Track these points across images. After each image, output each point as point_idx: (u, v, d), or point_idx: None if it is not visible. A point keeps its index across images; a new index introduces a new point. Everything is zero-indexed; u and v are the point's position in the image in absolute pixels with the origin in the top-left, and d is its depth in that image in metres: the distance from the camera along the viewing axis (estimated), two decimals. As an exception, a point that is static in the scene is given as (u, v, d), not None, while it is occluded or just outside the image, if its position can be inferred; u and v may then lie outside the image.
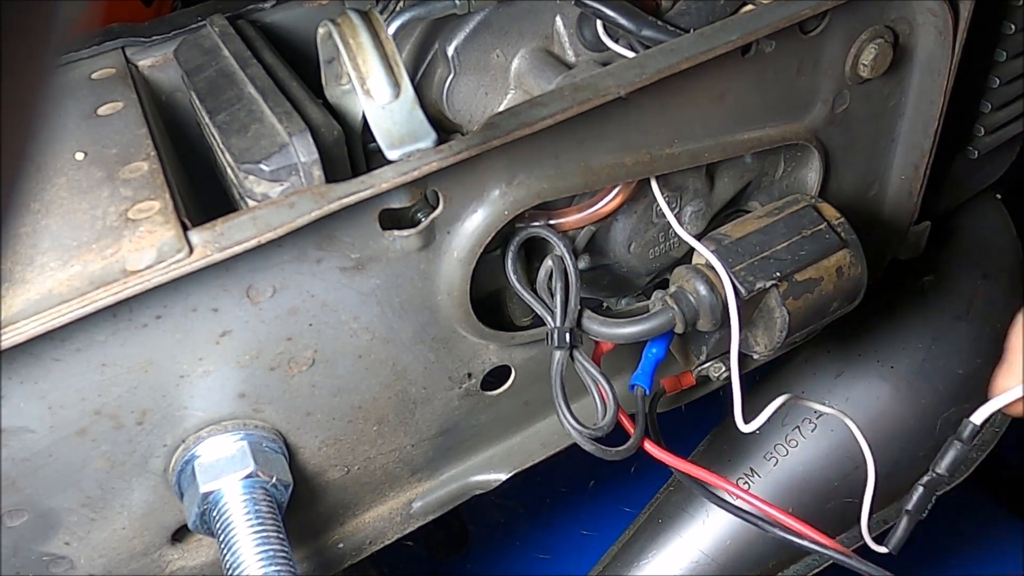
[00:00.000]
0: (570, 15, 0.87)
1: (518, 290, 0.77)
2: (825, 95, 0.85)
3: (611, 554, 1.12)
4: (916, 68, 0.89)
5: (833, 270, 0.78)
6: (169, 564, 0.77)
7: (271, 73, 0.74)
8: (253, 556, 0.66)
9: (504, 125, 0.68)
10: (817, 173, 0.89)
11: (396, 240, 0.69)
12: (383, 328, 0.73)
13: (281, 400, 0.72)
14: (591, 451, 0.74)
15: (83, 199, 0.66)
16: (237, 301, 0.65)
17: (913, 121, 0.92)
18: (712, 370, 0.88)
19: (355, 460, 0.80)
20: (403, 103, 0.66)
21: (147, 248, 0.61)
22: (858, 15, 0.82)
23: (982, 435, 1.12)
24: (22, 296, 0.58)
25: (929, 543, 1.50)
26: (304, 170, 0.66)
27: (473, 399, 0.83)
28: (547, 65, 0.86)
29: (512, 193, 0.71)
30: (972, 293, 1.13)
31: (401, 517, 0.87)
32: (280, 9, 0.89)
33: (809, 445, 1.05)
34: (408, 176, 0.65)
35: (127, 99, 0.76)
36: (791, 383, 1.09)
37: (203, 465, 0.69)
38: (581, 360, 0.76)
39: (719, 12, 0.81)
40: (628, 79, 0.71)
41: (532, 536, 1.60)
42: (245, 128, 0.69)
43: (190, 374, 0.67)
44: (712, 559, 1.04)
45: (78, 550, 0.70)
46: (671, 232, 0.84)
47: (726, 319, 0.76)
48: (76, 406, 0.63)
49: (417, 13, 0.80)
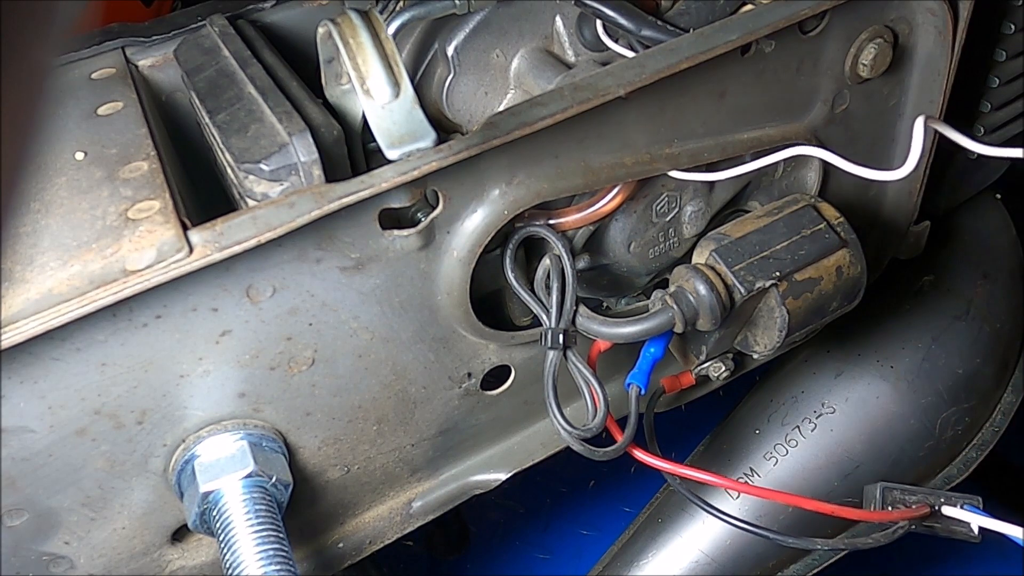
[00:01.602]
0: (570, 15, 0.87)
1: (516, 289, 0.77)
2: (825, 95, 0.85)
3: (611, 554, 1.12)
4: (916, 68, 0.89)
5: (833, 270, 0.78)
6: (169, 564, 0.77)
7: (271, 73, 0.75)
8: (253, 556, 0.66)
9: (504, 125, 0.68)
10: (817, 173, 0.89)
11: (396, 240, 0.69)
12: (383, 328, 0.73)
13: (281, 400, 0.72)
14: (580, 451, 0.75)
15: (83, 199, 0.66)
16: (237, 301, 0.66)
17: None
18: (712, 370, 0.88)
19: (355, 460, 0.80)
20: (403, 103, 0.66)
21: (147, 248, 0.61)
22: (858, 15, 0.82)
23: (982, 435, 1.12)
24: (22, 296, 0.58)
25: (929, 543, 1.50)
26: (304, 170, 0.66)
27: (473, 399, 0.83)
28: (547, 65, 0.86)
29: (512, 193, 0.71)
30: (972, 293, 1.13)
31: (401, 517, 0.87)
32: (280, 9, 0.89)
33: (809, 445, 1.05)
34: (408, 176, 0.65)
35: (127, 99, 0.76)
36: (791, 383, 1.09)
37: (203, 465, 0.69)
38: (574, 361, 0.76)
39: (719, 12, 0.81)
40: (628, 79, 0.71)
41: (532, 536, 1.60)
42: (245, 128, 0.70)
43: (190, 374, 0.67)
44: (712, 559, 1.04)
45: (78, 550, 0.70)
46: (671, 232, 0.84)
47: (726, 319, 0.76)
48: (76, 406, 0.63)
49: (417, 13, 0.80)
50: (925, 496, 0.85)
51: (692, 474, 0.81)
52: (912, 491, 0.86)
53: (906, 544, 0.86)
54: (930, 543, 0.86)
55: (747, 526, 0.83)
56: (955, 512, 0.83)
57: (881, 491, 0.86)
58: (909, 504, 0.85)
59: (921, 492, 0.86)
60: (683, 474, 0.81)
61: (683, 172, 0.79)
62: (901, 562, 1.43)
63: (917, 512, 0.83)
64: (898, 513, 0.84)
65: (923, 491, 0.86)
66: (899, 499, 0.86)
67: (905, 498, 0.86)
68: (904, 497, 0.86)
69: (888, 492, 0.86)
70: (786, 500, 0.84)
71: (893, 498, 0.86)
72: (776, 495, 0.84)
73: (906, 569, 1.45)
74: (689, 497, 0.83)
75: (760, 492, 0.87)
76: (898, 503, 0.85)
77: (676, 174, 0.79)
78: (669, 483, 0.85)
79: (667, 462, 0.80)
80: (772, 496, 0.84)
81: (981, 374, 1.10)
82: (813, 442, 1.05)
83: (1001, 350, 1.12)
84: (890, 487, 0.87)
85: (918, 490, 0.86)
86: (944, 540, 0.86)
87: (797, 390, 1.08)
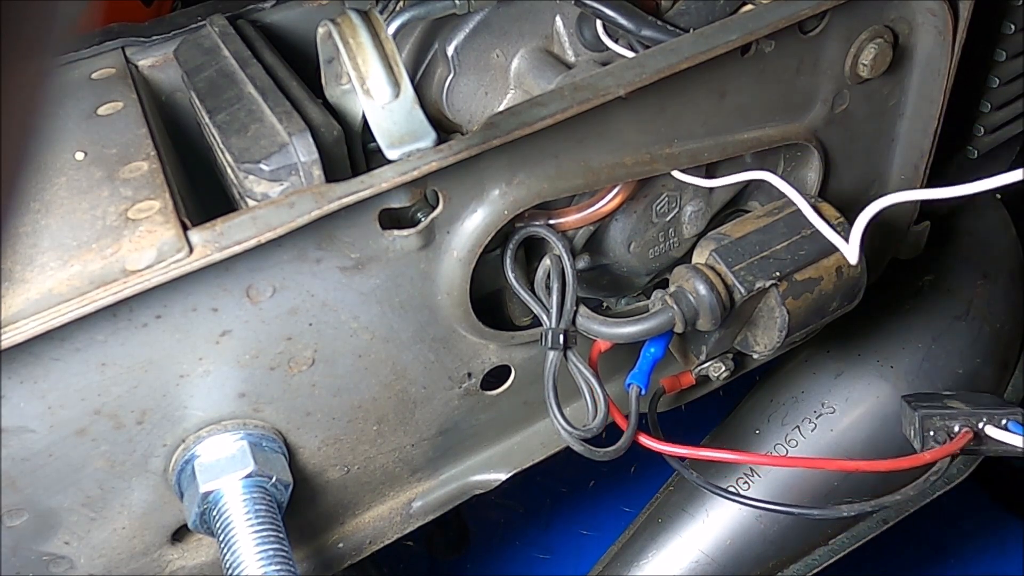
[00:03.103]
0: (570, 15, 0.87)
1: (516, 288, 0.77)
2: (825, 95, 0.85)
3: (611, 554, 1.12)
4: (916, 68, 0.89)
5: (833, 270, 0.78)
6: (169, 564, 0.77)
7: (271, 73, 0.75)
8: (253, 556, 0.66)
9: (504, 125, 0.68)
10: (817, 173, 0.89)
11: (396, 240, 0.69)
12: (383, 328, 0.73)
13: (281, 400, 0.72)
14: (580, 451, 0.75)
15: (83, 199, 0.66)
16: (237, 301, 0.66)
17: (913, 121, 0.92)
18: (712, 370, 0.88)
19: (355, 460, 0.80)
20: (403, 103, 0.66)
21: (147, 248, 0.61)
22: (857, 15, 0.82)
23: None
24: (22, 296, 0.58)
25: (929, 543, 1.50)
26: (304, 170, 0.66)
27: (473, 399, 0.83)
28: (547, 65, 0.86)
29: (512, 193, 0.71)
30: (972, 293, 1.13)
31: (401, 517, 0.87)
32: (280, 9, 0.89)
33: (809, 445, 1.05)
34: (408, 176, 0.65)
35: (127, 99, 0.76)
36: (791, 383, 1.09)
37: (203, 465, 0.69)
38: (575, 361, 0.76)
39: (719, 12, 0.81)
40: (628, 79, 0.71)
41: (532, 536, 1.60)
42: (245, 128, 0.70)
43: (190, 374, 0.67)
44: (712, 559, 1.04)
45: (78, 550, 0.70)
46: (671, 232, 0.84)
47: (726, 319, 0.76)
48: (76, 406, 0.63)
49: (417, 13, 0.80)
50: (967, 419, 0.80)
51: (707, 454, 0.79)
52: (951, 414, 0.81)
53: (906, 544, 0.85)
54: (930, 543, 0.86)
55: (770, 505, 0.80)
56: (1000, 434, 0.79)
57: (920, 419, 0.80)
58: (951, 433, 0.80)
59: (961, 414, 0.80)
60: (698, 455, 0.79)
61: (684, 175, 0.79)
62: (901, 562, 1.43)
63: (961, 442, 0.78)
64: (943, 449, 0.78)
65: (963, 412, 0.81)
66: (939, 425, 0.80)
67: (947, 424, 0.81)
68: (945, 424, 0.81)
69: (927, 420, 0.80)
70: (813, 464, 0.80)
71: (932, 425, 0.81)
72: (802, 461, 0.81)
73: (906, 569, 1.45)
74: (698, 483, 0.81)
75: (784, 461, 0.84)
76: (939, 431, 0.80)
77: (677, 174, 0.79)
78: (678, 470, 0.83)
79: (677, 446, 0.78)
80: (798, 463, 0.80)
81: (981, 374, 1.10)
82: (813, 442, 1.05)
83: (1001, 350, 1.13)
84: (928, 413, 0.81)
85: (958, 412, 0.81)
86: (945, 539, 0.84)
87: (797, 390, 1.08)
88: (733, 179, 0.81)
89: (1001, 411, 0.81)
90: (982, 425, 0.80)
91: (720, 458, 0.79)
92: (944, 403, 0.83)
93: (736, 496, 0.81)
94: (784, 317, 0.77)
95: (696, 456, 0.79)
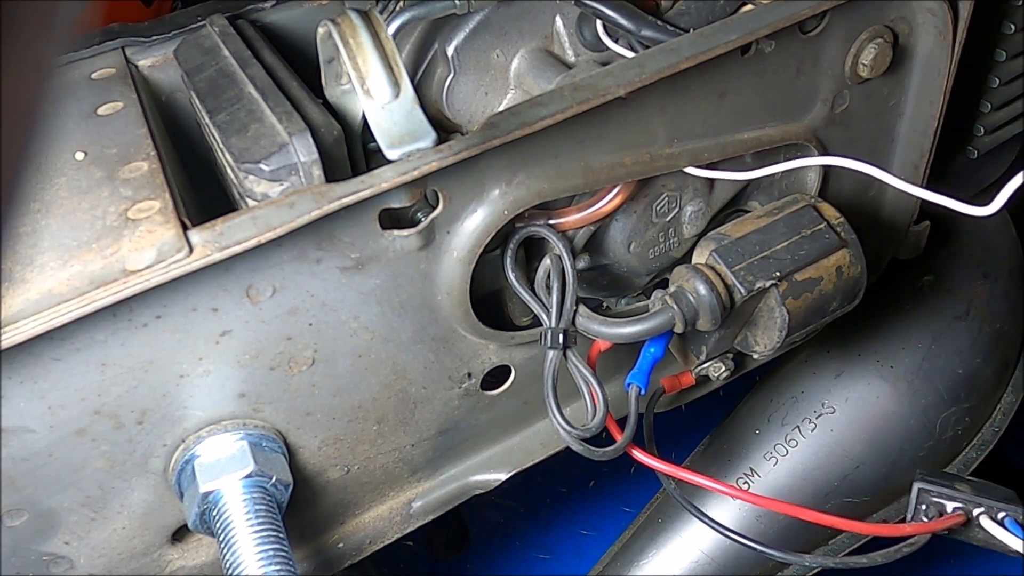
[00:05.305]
0: (570, 15, 0.87)
1: (516, 289, 0.77)
2: (825, 95, 0.85)
3: (611, 554, 1.12)
4: (916, 68, 0.89)
5: (833, 270, 0.78)
6: (169, 564, 0.77)
7: (271, 73, 0.75)
8: (253, 556, 0.66)
9: (504, 125, 0.68)
10: (817, 173, 0.89)
11: (396, 240, 0.69)
12: (383, 328, 0.73)
13: (281, 400, 0.72)
14: (579, 451, 0.75)
15: (83, 199, 0.66)
16: (237, 301, 0.66)
17: (913, 121, 0.92)
18: (712, 370, 0.89)
19: (355, 460, 0.80)
20: (403, 103, 0.66)
21: (147, 248, 0.61)
22: (857, 15, 0.82)
23: (982, 435, 1.12)
24: (22, 296, 0.58)
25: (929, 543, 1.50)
26: (304, 170, 0.66)
27: (473, 399, 0.83)
28: (547, 65, 0.86)
29: (512, 193, 0.71)
30: (972, 293, 1.13)
31: (401, 517, 0.87)
32: (280, 9, 0.89)
33: (809, 445, 1.05)
34: (408, 176, 0.65)
35: (127, 99, 0.76)
36: (791, 383, 1.09)
37: (203, 465, 0.69)
38: (574, 361, 0.76)
39: (719, 12, 0.81)
40: (628, 79, 0.71)
41: (532, 536, 1.60)
42: (245, 128, 0.70)
43: (190, 374, 0.67)
44: (712, 559, 1.04)
45: (78, 550, 0.70)
46: (671, 232, 0.84)
47: (726, 319, 0.76)
48: (76, 406, 0.63)
49: (417, 13, 0.80)
50: (964, 503, 0.79)
51: (689, 477, 0.80)
52: (950, 495, 0.80)
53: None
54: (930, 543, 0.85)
55: (736, 536, 0.81)
56: (993, 527, 0.77)
57: (917, 492, 0.79)
58: (943, 512, 0.79)
59: (960, 496, 0.79)
60: (680, 476, 0.80)
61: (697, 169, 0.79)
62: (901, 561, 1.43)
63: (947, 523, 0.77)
64: (927, 525, 0.78)
65: (962, 495, 0.79)
66: (933, 501, 0.79)
67: (941, 503, 0.79)
68: (939, 501, 0.79)
69: (924, 494, 0.79)
70: (786, 511, 0.80)
71: (927, 500, 0.80)
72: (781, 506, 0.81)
73: (906, 568, 1.45)
74: (681, 502, 0.82)
75: (759, 501, 0.85)
76: (932, 507, 0.79)
77: (692, 170, 0.79)
78: (664, 486, 0.84)
79: (664, 463, 0.79)
80: (770, 505, 0.81)
81: (981, 374, 1.10)
82: (813, 442, 1.05)
83: (1001, 350, 1.13)
84: (927, 487, 0.79)
85: (956, 495, 0.80)
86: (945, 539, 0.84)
87: (797, 390, 1.08)
88: (782, 167, 0.80)
89: (1002, 504, 0.79)
90: (977, 513, 0.79)
91: (697, 483, 0.80)
92: (952, 484, 0.81)
93: (712, 522, 0.81)
94: (784, 317, 0.77)
95: (678, 476, 0.80)
